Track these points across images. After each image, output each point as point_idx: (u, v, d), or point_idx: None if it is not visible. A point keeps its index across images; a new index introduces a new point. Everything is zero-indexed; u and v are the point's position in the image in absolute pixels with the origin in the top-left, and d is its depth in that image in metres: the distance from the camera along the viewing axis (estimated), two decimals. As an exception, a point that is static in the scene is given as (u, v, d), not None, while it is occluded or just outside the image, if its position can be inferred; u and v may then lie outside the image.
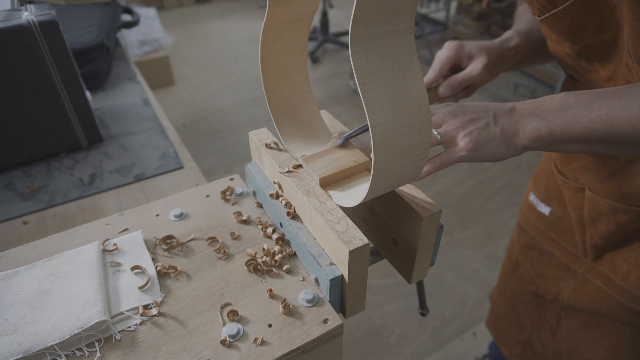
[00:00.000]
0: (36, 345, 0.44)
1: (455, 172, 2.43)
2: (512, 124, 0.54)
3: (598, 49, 0.61)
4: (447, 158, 0.53)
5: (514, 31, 0.72)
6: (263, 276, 0.53)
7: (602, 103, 0.51)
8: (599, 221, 0.77)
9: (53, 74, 0.89)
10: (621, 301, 0.78)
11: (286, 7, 0.51)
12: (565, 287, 0.89)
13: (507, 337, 1.13)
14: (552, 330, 0.97)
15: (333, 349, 0.49)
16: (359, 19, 0.36)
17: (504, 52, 0.69)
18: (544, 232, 0.93)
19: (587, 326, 0.88)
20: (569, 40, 0.62)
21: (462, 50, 0.67)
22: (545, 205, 0.92)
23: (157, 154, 1.00)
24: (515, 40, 0.71)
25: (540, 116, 0.53)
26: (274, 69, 0.57)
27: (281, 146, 0.60)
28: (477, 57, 0.66)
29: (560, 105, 0.53)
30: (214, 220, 0.61)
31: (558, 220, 0.89)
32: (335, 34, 3.78)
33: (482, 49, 0.67)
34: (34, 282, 0.52)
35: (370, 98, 0.39)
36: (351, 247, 0.45)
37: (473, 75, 0.65)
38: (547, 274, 0.94)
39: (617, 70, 0.60)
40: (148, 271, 0.53)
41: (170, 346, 0.46)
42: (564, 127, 0.52)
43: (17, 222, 0.82)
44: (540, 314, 0.99)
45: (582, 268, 0.85)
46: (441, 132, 0.53)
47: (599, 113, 0.51)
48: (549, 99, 0.55)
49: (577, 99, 0.53)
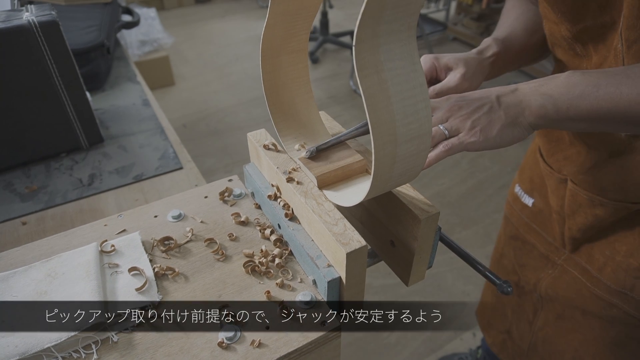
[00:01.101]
0: (33, 347, 0.44)
1: (455, 172, 2.43)
2: (517, 104, 0.54)
3: (596, 31, 0.60)
4: (457, 143, 0.53)
5: (492, 39, 0.72)
6: (261, 278, 0.53)
7: (609, 81, 0.51)
8: (577, 213, 0.78)
9: (53, 74, 0.89)
10: (597, 292, 0.80)
11: (287, 5, 0.51)
12: (545, 277, 0.91)
13: (491, 326, 1.16)
14: (529, 321, 0.99)
15: (331, 351, 0.49)
16: (370, 13, 0.36)
17: (482, 62, 0.68)
18: (526, 222, 0.94)
19: (561, 318, 0.90)
20: (569, 21, 0.61)
21: (438, 63, 0.66)
22: (528, 197, 0.93)
23: (157, 154, 1.00)
24: (493, 49, 0.70)
25: (545, 94, 0.53)
26: (274, 68, 0.57)
27: (279, 147, 0.60)
28: (455, 68, 0.65)
29: (567, 83, 0.53)
30: (212, 221, 0.61)
31: (540, 212, 0.91)
32: (335, 34, 3.78)
33: (458, 59, 0.66)
34: (31, 283, 0.52)
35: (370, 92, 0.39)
36: (349, 249, 0.45)
37: (450, 86, 0.64)
38: (528, 264, 0.96)
39: (608, 56, 0.60)
40: (146, 273, 0.53)
41: (167, 348, 0.46)
42: (570, 104, 0.52)
43: (16, 223, 0.82)
44: (519, 305, 1.01)
45: (560, 259, 0.87)
46: (448, 127, 0.53)
47: (606, 91, 0.51)
48: (554, 78, 0.55)
49: (583, 77, 0.53)
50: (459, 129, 0.53)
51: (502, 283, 0.52)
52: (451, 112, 0.55)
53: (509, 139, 0.54)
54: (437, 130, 0.54)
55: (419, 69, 0.41)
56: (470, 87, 0.66)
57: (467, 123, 0.53)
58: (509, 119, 0.53)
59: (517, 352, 1.05)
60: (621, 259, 0.75)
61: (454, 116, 0.54)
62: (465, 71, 0.65)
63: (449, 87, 0.64)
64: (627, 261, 0.74)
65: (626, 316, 0.78)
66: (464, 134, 0.53)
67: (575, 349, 0.89)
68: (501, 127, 0.53)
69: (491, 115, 0.53)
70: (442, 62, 0.66)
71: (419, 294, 1.81)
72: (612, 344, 0.83)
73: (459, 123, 0.53)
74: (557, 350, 0.93)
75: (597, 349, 0.85)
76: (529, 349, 1.00)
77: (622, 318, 0.78)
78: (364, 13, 0.36)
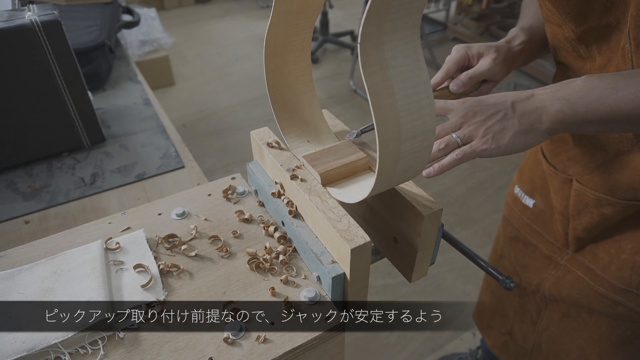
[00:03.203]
0: (40, 342, 0.44)
1: (455, 172, 2.43)
2: (532, 111, 0.54)
3: (600, 32, 0.61)
4: (469, 151, 0.53)
5: (518, 28, 0.73)
6: (265, 274, 0.54)
7: (628, 83, 0.51)
8: (583, 213, 0.78)
9: (55, 73, 0.89)
10: (601, 291, 0.80)
11: (291, 3, 0.51)
12: (548, 278, 0.91)
13: (491, 328, 1.15)
14: (532, 322, 0.98)
15: (335, 346, 0.50)
16: (375, 11, 0.36)
17: (511, 50, 0.70)
18: (527, 224, 0.94)
19: (566, 317, 0.90)
20: (574, 21, 0.62)
21: (469, 51, 0.68)
22: (529, 198, 0.93)
23: (158, 153, 1.00)
24: (521, 37, 0.72)
25: (563, 98, 0.53)
26: (277, 66, 0.57)
27: (283, 145, 0.61)
28: (486, 54, 0.67)
29: (584, 87, 0.53)
30: (216, 219, 0.62)
31: (541, 213, 0.90)
32: (335, 34, 3.78)
33: (489, 46, 0.68)
34: (37, 280, 0.52)
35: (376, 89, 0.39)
36: (353, 245, 0.45)
37: (483, 70, 0.66)
38: (530, 265, 0.95)
39: (613, 58, 0.60)
40: (150, 269, 0.53)
41: (173, 344, 0.46)
42: (588, 107, 0.52)
43: (19, 222, 0.82)
44: (522, 305, 1.01)
45: (563, 259, 0.87)
46: (460, 136, 0.54)
47: (624, 93, 0.51)
48: (571, 82, 0.55)
49: (600, 81, 0.53)
50: (472, 136, 0.54)
51: (504, 279, 0.52)
52: (466, 117, 0.55)
53: (521, 145, 0.54)
54: (450, 139, 0.55)
55: (422, 66, 0.41)
56: (501, 72, 0.68)
57: (480, 130, 0.53)
58: (522, 126, 0.53)
59: (520, 353, 1.05)
60: (627, 257, 0.75)
61: (468, 123, 0.54)
62: (497, 56, 0.66)
63: (481, 71, 0.66)
64: (632, 259, 0.74)
65: (632, 313, 0.78)
66: (477, 142, 0.53)
67: (581, 348, 0.88)
68: (514, 134, 0.53)
69: (505, 123, 0.53)
70: (474, 50, 0.68)
71: (419, 294, 1.81)
72: (619, 342, 0.83)
73: (472, 130, 0.54)
74: (562, 349, 0.93)
75: (603, 347, 0.85)
76: (533, 349, 1.00)
77: (628, 315, 0.78)
78: (369, 11, 0.36)
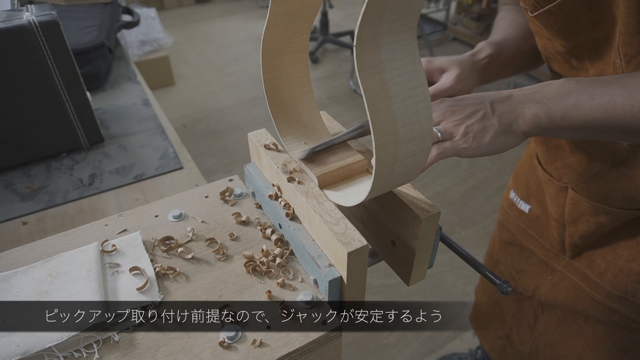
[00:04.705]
0: (34, 346, 0.44)
1: (455, 172, 2.43)
2: (510, 111, 0.53)
3: (591, 46, 0.60)
4: (450, 147, 0.52)
5: (486, 42, 0.71)
6: (262, 277, 0.53)
7: (604, 91, 0.50)
8: (579, 221, 0.77)
9: (54, 74, 0.89)
10: (597, 298, 0.79)
11: (288, 5, 0.51)
12: (544, 283, 0.90)
13: (488, 332, 1.15)
14: (530, 326, 0.98)
15: (332, 350, 0.49)
16: (371, 13, 0.36)
17: (475, 63, 0.68)
18: (523, 229, 0.94)
19: (562, 323, 0.89)
20: (562, 37, 0.61)
21: (431, 66, 0.66)
22: (525, 203, 0.92)
23: (157, 154, 1.00)
24: (487, 51, 0.69)
25: (539, 102, 0.52)
26: (274, 68, 0.57)
27: (280, 147, 0.60)
28: (449, 69, 0.65)
29: (561, 91, 0.52)
30: (213, 221, 0.61)
31: (537, 218, 0.90)
32: (335, 34, 3.78)
33: (452, 61, 0.65)
34: (32, 283, 0.52)
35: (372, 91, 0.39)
36: (350, 248, 0.45)
37: (445, 88, 0.63)
38: (527, 271, 0.95)
39: (606, 70, 0.60)
40: (147, 272, 0.53)
41: (168, 347, 0.46)
42: (564, 113, 0.51)
43: (17, 223, 0.82)
44: (519, 310, 1.00)
45: (560, 265, 0.86)
46: (441, 130, 0.53)
47: (600, 101, 0.50)
48: (549, 85, 0.54)
49: (578, 86, 0.52)
50: (452, 133, 0.52)
51: (502, 283, 0.52)
52: (444, 116, 0.54)
53: (502, 146, 0.53)
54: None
55: (419, 69, 0.41)
56: (464, 88, 0.65)
57: (460, 128, 0.52)
58: (502, 127, 0.52)
59: (517, 358, 1.04)
60: (623, 264, 0.74)
61: (447, 120, 0.53)
62: (460, 72, 0.64)
63: (443, 88, 0.64)
64: (628, 266, 0.74)
65: (628, 321, 0.77)
66: (458, 139, 0.52)
67: (578, 354, 0.88)
68: (494, 135, 0.52)
69: (485, 122, 0.52)
70: (435, 65, 0.65)
71: (419, 294, 1.81)
72: (616, 349, 0.82)
73: (452, 127, 0.52)
74: (559, 355, 0.92)
75: (599, 354, 0.84)
76: (530, 354, 0.99)
77: (625, 323, 0.78)
78: (365, 13, 0.36)
